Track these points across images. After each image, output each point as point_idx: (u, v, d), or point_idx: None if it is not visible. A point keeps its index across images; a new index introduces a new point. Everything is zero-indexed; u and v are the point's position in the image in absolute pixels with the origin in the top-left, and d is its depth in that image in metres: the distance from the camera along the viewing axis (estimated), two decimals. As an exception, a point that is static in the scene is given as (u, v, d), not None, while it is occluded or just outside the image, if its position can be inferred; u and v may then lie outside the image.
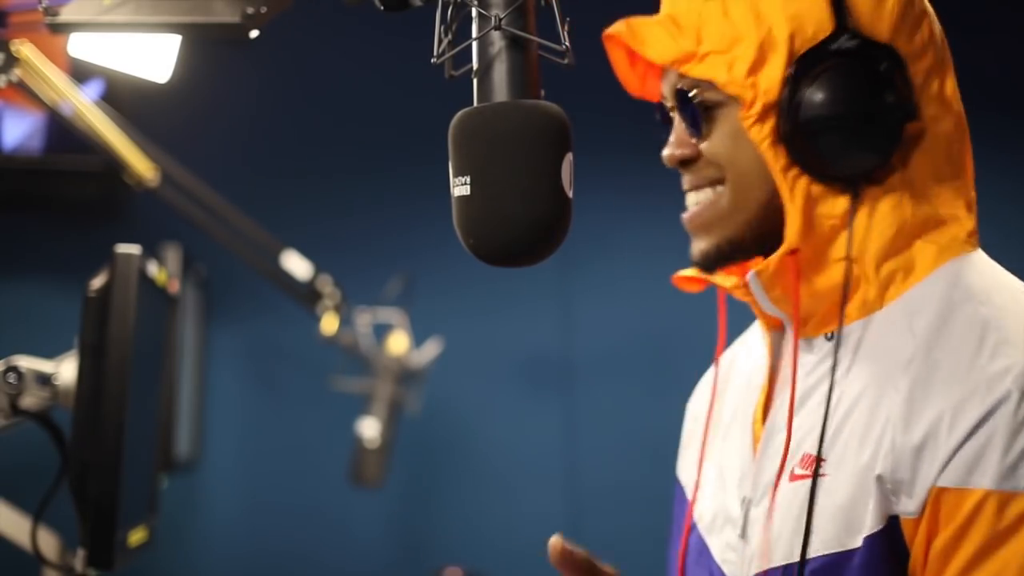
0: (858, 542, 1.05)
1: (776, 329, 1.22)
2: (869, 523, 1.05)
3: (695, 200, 1.19)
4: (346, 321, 2.61)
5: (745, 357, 1.32)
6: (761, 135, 1.11)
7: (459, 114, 0.94)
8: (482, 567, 2.91)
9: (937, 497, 1.02)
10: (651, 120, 1.24)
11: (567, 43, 0.94)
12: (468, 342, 2.98)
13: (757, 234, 1.15)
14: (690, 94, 1.16)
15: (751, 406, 1.24)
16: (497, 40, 0.94)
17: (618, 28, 1.20)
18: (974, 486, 1.00)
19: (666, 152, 1.20)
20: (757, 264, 1.15)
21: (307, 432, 3.01)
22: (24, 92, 1.82)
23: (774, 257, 1.12)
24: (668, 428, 3.01)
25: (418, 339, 2.78)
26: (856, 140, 1.09)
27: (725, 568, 1.19)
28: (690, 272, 1.22)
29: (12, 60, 1.75)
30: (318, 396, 2.86)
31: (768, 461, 1.16)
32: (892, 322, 1.10)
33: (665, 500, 1.39)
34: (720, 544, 1.20)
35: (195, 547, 2.96)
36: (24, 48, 1.77)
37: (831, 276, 1.12)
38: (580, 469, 3.03)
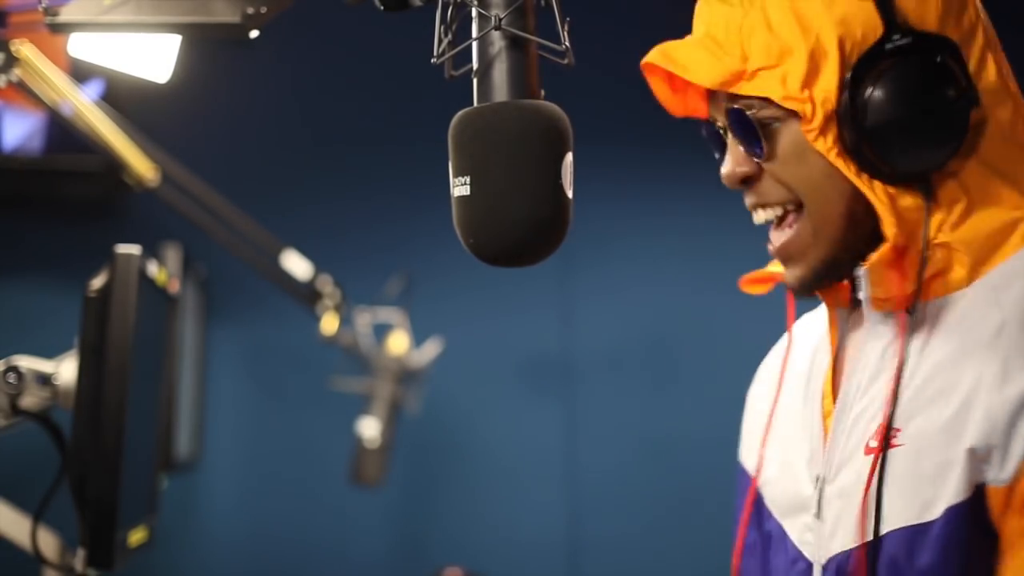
0: (936, 513, 1.04)
1: (841, 306, 1.20)
2: (952, 493, 1.03)
3: (765, 217, 1.16)
4: (346, 321, 2.61)
5: (804, 340, 1.31)
6: (826, 146, 1.09)
7: (459, 114, 0.95)
8: (482, 567, 2.91)
9: None
10: (651, 123, 1.24)
11: (567, 43, 0.94)
12: (468, 342, 2.98)
13: (850, 246, 1.13)
14: (746, 113, 1.12)
15: (817, 384, 1.22)
16: (497, 40, 0.94)
17: (654, 57, 1.15)
18: None
19: (726, 171, 1.16)
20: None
21: (307, 432, 3.01)
22: (24, 92, 1.82)
23: (882, 255, 1.10)
24: (668, 427, 3.02)
25: (418, 339, 2.77)
26: (923, 138, 1.07)
27: (805, 550, 1.17)
28: (758, 273, 1.22)
29: (12, 60, 1.75)
30: (318, 396, 2.86)
31: (841, 437, 1.15)
32: (977, 298, 1.09)
33: (665, 499, 1.38)
34: (798, 527, 1.19)
35: (195, 547, 2.96)
36: (24, 48, 1.77)
37: (917, 260, 1.10)
38: (580, 469, 3.03)
